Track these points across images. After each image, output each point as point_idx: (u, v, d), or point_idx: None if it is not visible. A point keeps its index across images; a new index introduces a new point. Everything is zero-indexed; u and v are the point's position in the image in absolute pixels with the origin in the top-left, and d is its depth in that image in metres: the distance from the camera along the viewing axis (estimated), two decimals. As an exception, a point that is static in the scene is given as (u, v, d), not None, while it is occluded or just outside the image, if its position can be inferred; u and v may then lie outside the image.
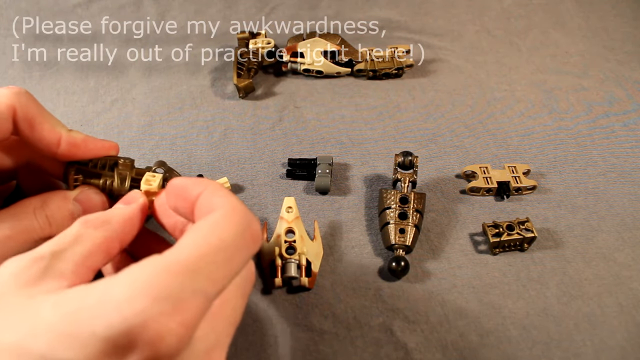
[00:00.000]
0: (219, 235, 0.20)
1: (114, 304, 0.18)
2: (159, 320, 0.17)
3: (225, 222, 0.21)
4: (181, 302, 0.18)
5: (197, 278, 0.19)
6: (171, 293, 0.18)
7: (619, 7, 0.70)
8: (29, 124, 0.28)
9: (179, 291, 0.18)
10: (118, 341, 0.17)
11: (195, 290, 0.19)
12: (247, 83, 0.56)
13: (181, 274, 0.19)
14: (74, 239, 0.23)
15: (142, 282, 0.18)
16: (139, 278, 0.18)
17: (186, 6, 0.67)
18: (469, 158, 0.50)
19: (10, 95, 0.27)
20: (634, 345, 0.36)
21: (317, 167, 0.47)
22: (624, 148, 0.51)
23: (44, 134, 0.28)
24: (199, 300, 0.19)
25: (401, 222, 0.41)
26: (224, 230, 0.21)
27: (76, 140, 0.30)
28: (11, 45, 0.63)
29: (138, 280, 0.18)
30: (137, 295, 0.18)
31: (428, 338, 0.36)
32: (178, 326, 0.18)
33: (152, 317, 0.17)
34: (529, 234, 0.41)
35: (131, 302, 0.17)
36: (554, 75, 0.60)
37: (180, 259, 0.19)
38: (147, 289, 0.18)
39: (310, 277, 0.39)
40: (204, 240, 0.20)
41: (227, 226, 0.21)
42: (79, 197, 0.31)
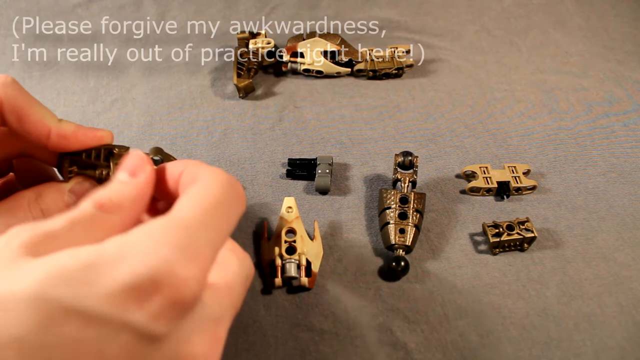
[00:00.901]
0: (212, 194, 0.22)
1: (136, 254, 0.19)
2: (182, 265, 0.19)
3: (214, 183, 0.23)
4: (198, 249, 0.20)
5: (205, 229, 0.21)
6: (189, 242, 0.20)
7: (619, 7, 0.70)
8: (17, 116, 0.27)
9: (195, 240, 0.20)
10: (142, 287, 0.18)
11: (207, 240, 0.20)
12: (247, 83, 0.56)
13: (193, 226, 0.20)
14: (90, 222, 0.22)
15: (160, 235, 0.20)
16: (155, 232, 0.20)
17: (186, 6, 0.67)
18: (469, 158, 0.50)
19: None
20: (634, 345, 0.36)
21: (317, 167, 0.47)
22: (624, 148, 0.51)
23: (33, 126, 0.27)
24: (210, 249, 0.20)
25: (401, 222, 0.41)
26: (215, 189, 0.23)
27: (66, 132, 0.29)
28: (11, 45, 0.63)
29: (155, 234, 0.20)
30: (159, 245, 0.19)
31: (428, 338, 0.36)
32: (198, 271, 0.19)
33: (176, 262, 0.19)
34: (529, 234, 0.41)
35: (155, 251, 0.19)
36: (554, 75, 0.60)
37: (188, 215, 0.21)
38: (167, 239, 0.19)
39: (310, 277, 0.39)
40: (202, 198, 0.22)
41: (216, 185, 0.23)
42: (74, 188, 0.30)
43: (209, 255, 0.20)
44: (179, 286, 0.19)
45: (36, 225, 0.21)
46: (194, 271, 0.19)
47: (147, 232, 0.20)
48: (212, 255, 0.21)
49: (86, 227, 0.22)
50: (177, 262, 0.19)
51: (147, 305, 0.18)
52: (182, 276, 0.19)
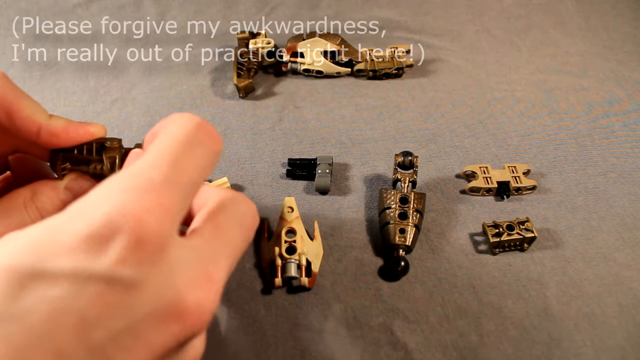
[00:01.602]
0: (172, 135, 0.22)
1: (89, 206, 0.19)
2: (135, 204, 0.18)
3: (176, 127, 0.22)
4: (153, 188, 0.19)
5: (162, 169, 0.20)
6: (141, 183, 0.19)
7: (619, 7, 0.70)
8: (6, 112, 0.26)
9: (148, 181, 0.19)
10: (100, 234, 0.18)
11: (165, 178, 0.20)
12: (247, 83, 0.56)
13: (147, 170, 0.20)
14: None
15: (114, 184, 0.19)
16: (110, 183, 0.20)
17: (186, 6, 0.67)
18: (469, 158, 0.50)
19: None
20: (634, 345, 0.36)
21: (317, 167, 0.47)
22: (624, 148, 0.51)
23: (22, 122, 0.27)
24: (171, 186, 0.20)
25: (401, 222, 0.41)
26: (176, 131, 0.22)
27: (56, 129, 0.28)
28: (11, 45, 0.63)
29: (108, 184, 0.20)
30: (112, 192, 0.19)
31: (428, 338, 0.36)
32: (155, 207, 0.19)
33: (128, 203, 0.18)
34: (529, 234, 0.41)
35: (108, 197, 0.19)
36: (554, 75, 0.60)
37: (144, 162, 0.20)
38: (121, 185, 0.19)
39: (310, 277, 0.39)
40: (160, 145, 0.21)
41: (178, 128, 0.22)
42: (70, 185, 0.30)
43: (171, 192, 0.20)
44: (136, 225, 0.18)
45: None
46: (151, 207, 0.19)
47: (102, 186, 0.20)
48: (175, 191, 0.20)
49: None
50: (130, 203, 0.18)
51: (108, 251, 0.18)
52: (137, 215, 0.18)
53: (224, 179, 0.46)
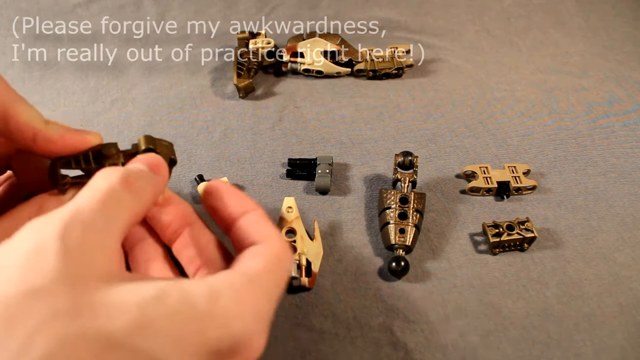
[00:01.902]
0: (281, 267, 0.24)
1: (224, 319, 0.20)
2: (258, 338, 0.21)
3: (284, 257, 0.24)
4: (268, 319, 0.22)
5: (272, 303, 0.22)
6: (266, 316, 0.22)
7: (619, 7, 0.70)
8: (1, 117, 0.26)
9: (268, 313, 0.22)
10: (223, 352, 0.20)
11: (271, 312, 0.22)
12: (247, 83, 0.56)
13: (266, 297, 0.22)
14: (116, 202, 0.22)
15: (245, 299, 0.21)
16: (242, 295, 0.21)
17: (186, 6, 0.67)
18: (469, 158, 0.50)
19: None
20: (634, 345, 0.36)
21: (317, 167, 0.47)
22: (624, 148, 0.51)
23: (18, 128, 0.26)
24: (269, 322, 0.22)
25: (401, 222, 0.41)
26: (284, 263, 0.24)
27: (52, 136, 0.27)
28: (11, 45, 0.63)
29: (242, 297, 0.21)
30: (244, 312, 0.21)
31: (428, 338, 0.36)
32: (264, 342, 0.21)
33: (255, 335, 0.21)
34: (529, 234, 0.41)
35: (240, 320, 0.20)
36: (554, 75, 0.60)
37: (266, 285, 0.22)
38: (250, 306, 0.21)
39: (310, 277, 0.39)
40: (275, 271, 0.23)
41: (286, 260, 0.24)
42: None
43: (269, 321, 0.22)
44: (252, 355, 0.21)
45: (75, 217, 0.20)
46: (263, 342, 0.21)
47: (235, 292, 0.21)
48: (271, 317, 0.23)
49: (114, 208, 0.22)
50: (255, 334, 0.21)
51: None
52: (257, 349, 0.21)
53: (224, 179, 0.46)
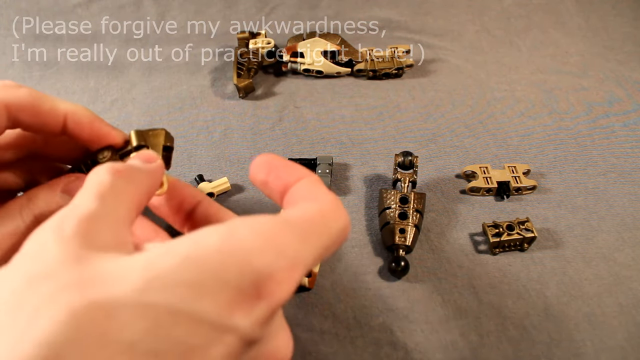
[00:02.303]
0: (326, 223, 0.22)
1: (242, 253, 0.18)
2: (284, 276, 0.19)
3: (333, 215, 0.22)
4: (296, 263, 0.19)
5: (307, 248, 0.20)
6: (292, 252, 0.19)
7: (619, 7, 0.70)
8: (28, 112, 0.26)
9: (296, 252, 0.19)
10: (247, 292, 0.18)
11: (304, 258, 0.20)
12: (247, 83, 0.56)
13: (298, 238, 0.20)
14: (112, 192, 0.22)
15: (267, 234, 0.19)
16: (263, 231, 0.19)
17: (186, 6, 0.67)
18: (469, 158, 0.50)
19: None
20: (634, 345, 0.36)
21: (317, 167, 0.47)
22: (624, 148, 0.51)
23: (46, 116, 0.27)
24: (304, 268, 0.20)
25: (401, 222, 0.41)
26: (332, 220, 0.22)
27: (82, 119, 0.28)
28: (11, 45, 0.63)
29: (263, 232, 0.19)
30: (265, 246, 0.19)
31: (428, 338, 0.36)
32: (293, 283, 0.19)
33: (279, 270, 0.18)
34: (529, 234, 0.41)
35: (262, 253, 0.18)
36: (554, 75, 0.60)
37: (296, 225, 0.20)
38: (274, 242, 0.19)
39: (310, 277, 0.39)
40: (314, 220, 0.21)
41: (334, 218, 0.22)
42: (67, 188, 0.29)
43: (301, 272, 0.20)
44: (277, 294, 0.19)
45: (71, 210, 0.20)
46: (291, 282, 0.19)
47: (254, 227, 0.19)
48: (303, 273, 0.20)
49: (113, 198, 0.21)
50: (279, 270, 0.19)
51: (254, 312, 0.18)
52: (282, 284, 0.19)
53: (223, 179, 0.46)
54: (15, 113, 0.27)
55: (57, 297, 0.16)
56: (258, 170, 0.25)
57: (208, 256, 0.18)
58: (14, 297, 0.17)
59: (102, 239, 0.19)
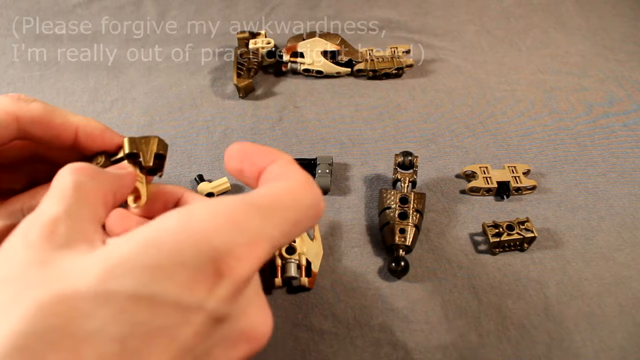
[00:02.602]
0: (294, 198, 0.21)
1: (200, 233, 0.18)
2: (243, 250, 0.19)
3: (300, 190, 0.22)
4: (257, 239, 0.19)
5: (269, 224, 0.20)
6: (251, 229, 0.19)
7: (619, 7, 0.70)
8: (40, 125, 0.27)
9: (256, 228, 0.19)
10: (206, 270, 0.18)
11: (267, 234, 0.20)
12: (247, 83, 0.56)
13: (258, 214, 0.20)
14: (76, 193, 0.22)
15: (224, 214, 0.19)
16: (220, 210, 0.19)
17: (186, 6, 0.68)
18: (469, 158, 0.50)
19: (9, 103, 0.27)
20: (634, 345, 0.36)
21: (317, 167, 0.47)
22: (624, 148, 0.51)
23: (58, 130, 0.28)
24: (268, 243, 0.20)
25: (401, 222, 0.41)
26: (299, 196, 0.22)
27: (94, 131, 0.29)
28: (11, 45, 0.63)
29: (220, 212, 0.19)
30: (222, 225, 0.19)
31: (428, 338, 0.36)
32: (255, 259, 0.19)
33: (238, 246, 0.19)
34: (529, 234, 0.41)
35: (219, 231, 0.18)
36: (554, 75, 0.61)
37: (257, 202, 0.20)
38: (231, 220, 0.19)
39: (310, 277, 0.39)
40: (279, 196, 0.21)
41: (302, 194, 0.22)
42: None
43: (266, 248, 0.20)
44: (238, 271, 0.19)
45: (38, 216, 0.20)
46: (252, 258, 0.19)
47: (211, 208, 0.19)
48: (268, 249, 0.20)
49: (76, 199, 0.21)
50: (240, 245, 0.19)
51: (218, 290, 0.18)
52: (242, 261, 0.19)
53: (223, 179, 0.46)
54: (27, 126, 0.27)
55: (23, 295, 0.17)
56: (231, 158, 0.25)
57: (166, 239, 0.18)
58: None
59: (67, 239, 0.19)
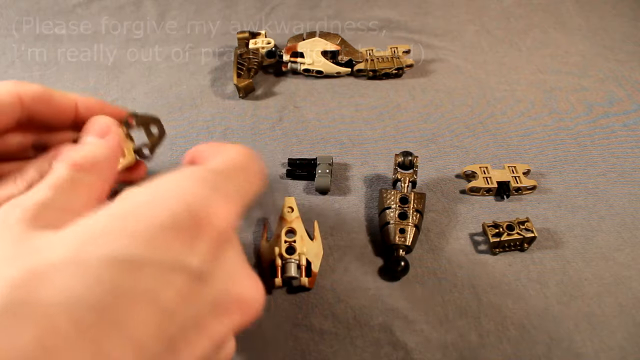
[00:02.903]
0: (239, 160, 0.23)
1: (173, 194, 0.19)
2: (218, 203, 0.19)
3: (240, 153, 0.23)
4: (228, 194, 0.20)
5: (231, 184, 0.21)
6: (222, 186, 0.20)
7: (619, 7, 0.70)
8: (41, 103, 0.28)
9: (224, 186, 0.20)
10: (184, 226, 0.18)
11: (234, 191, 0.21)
12: (247, 83, 0.56)
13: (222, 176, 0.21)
14: (70, 185, 0.22)
15: (194, 177, 0.20)
16: (189, 175, 0.20)
17: (186, 6, 0.68)
18: (469, 158, 0.50)
19: (11, 84, 0.28)
20: (634, 345, 0.36)
21: (317, 167, 0.47)
22: (624, 148, 0.51)
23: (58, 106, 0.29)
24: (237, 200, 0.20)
25: (401, 222, 0.41)
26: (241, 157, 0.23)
27: (94, 106, 0.31)
28: (11, 45, 0.63)
29: (189, 176, 0.20)
30: (194, 185, 0.19)
31: (428, 338, 0.36)
32: (231, 214, 0.20)
33: (213, 201, 0.19)
34: (529, 234, 0.41)
35: (192, 190, 0.19)
36: (554, 75, 0.60)
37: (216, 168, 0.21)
38: (202, 180, 0.20)
39: (310, 277, 0.39)
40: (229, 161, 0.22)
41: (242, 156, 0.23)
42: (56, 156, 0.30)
43: (237, 204, 0.20)
44: (217, 225, 0.19)
45: (23, 199, 0.20)
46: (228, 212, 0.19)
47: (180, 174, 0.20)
48: (238, 206, 0.20)
49: (70, 191, 0.22)
50: (215, 201, 0.19)
51: (198, 246, 0.18)
52: (219, 214, 0.19)
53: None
54: (29, 104, 0.28)
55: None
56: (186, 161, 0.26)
57: (140, 207, 0.18)
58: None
59: (50, 222, 0.19)
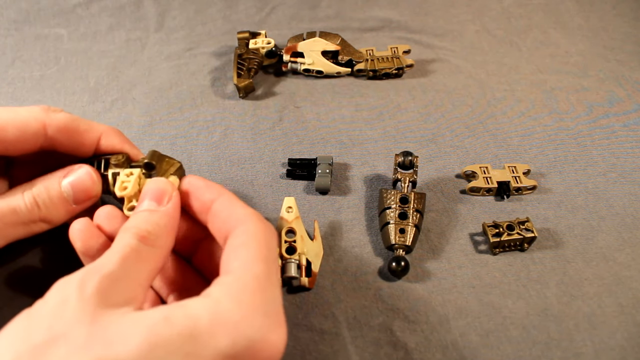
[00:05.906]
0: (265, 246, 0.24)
1: (231, 324, 0.20)
2: (273, 332, 0.21)
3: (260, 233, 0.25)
4: (278, 312, 0.23)
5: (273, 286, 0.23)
6: (272, 307, 0.22)
7: (619, 7, 0.70)
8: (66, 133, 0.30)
9: (273, 303, 0.22)
10: (242, 355, 0.20)
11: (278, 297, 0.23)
12: (247, 83, 0.56)
13: (267, 287, 0.22)
14: (137, 256, 0.24)
15: (247, 301, 0.21)
16: (243, 298, 0.21)
17: (186, 6, 0.68)
18: (469, 158, 0.50)
19: (39, 112, 0.30)
20: (634, 345, 0.36)
21: (317, 167, 0.47)
22: (624, 148, 0.51)
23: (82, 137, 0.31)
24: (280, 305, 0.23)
25: (401, 222, 0.41)
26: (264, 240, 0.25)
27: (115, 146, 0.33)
28: (11, 45, 0.63)
29: (243, 299, 0.21)
30: (250, 314, 0.21)
31: (428, 338, 0.36)
32: (283, 334, 0.22)
33: (268, 331, 0.21)
34: (529, 233, 0.41)
35: (249, 321, 0.21)
36: (554, 75, 0.60)
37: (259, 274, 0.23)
38: (255, 306, 0.21)
39: (310, 277, 0.39)
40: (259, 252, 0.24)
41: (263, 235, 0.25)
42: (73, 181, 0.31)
43: (282, 311, 0.23)
44: (272, 352, 0.21)
45: (96, 268, 0.22)
46: (282, 335, 0.22)
47: (232, 297, 0.21)
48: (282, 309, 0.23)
49: (136, 262, 0.24)
50: (268, 330, 0.21)
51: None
52: (274, 343, 0.21)
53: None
54: (53, 134, 0.30)
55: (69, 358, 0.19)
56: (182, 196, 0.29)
57: (201, 329, 0.20)
58: (35, 353, 0.19)
59: (118, 298, 0.21)
